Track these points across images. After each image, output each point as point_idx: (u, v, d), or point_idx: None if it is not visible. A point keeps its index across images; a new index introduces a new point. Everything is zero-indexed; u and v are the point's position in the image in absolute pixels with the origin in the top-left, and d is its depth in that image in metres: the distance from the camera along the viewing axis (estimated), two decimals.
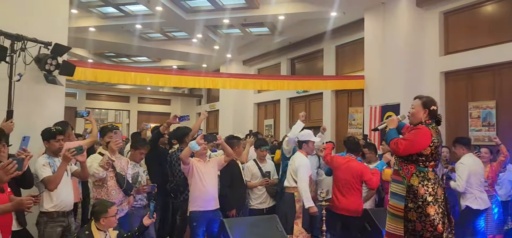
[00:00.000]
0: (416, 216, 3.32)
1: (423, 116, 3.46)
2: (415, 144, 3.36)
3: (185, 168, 4.45)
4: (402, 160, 3.46)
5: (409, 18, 8.43)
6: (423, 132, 3.37)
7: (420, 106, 3.50)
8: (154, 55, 15.50)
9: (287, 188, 4.97)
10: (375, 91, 8.85)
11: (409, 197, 3.37)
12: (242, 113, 14.92)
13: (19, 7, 4.31)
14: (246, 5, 10.13)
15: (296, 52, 12.75)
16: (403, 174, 3.44)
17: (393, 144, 3.41)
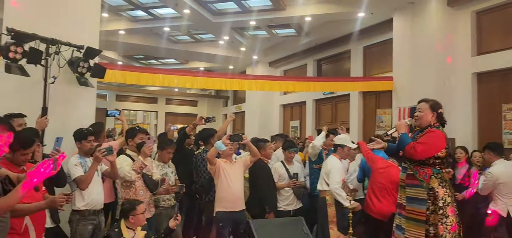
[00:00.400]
0: (438, 219, 3.32)
1: (431, 119, 3.48)
2: (432, 147, 3.36)
3: (211, 169, 4.50)
4: (418, 164, 3.44)
5: (439, 18, 8.24)
6: (438, 135, 3.41)
7: (428, 109, 3.52)
8: (181, 57, 15.73)
9: (320, 192, 4.97)
10: (404, 93, 8.68)
11: (430, 199, 3.36)
12: (268, 114, 14.94)
13: (54, 13, 4.47)
14: (273, 7, 10.15)
15: (323, 53, 12.66)
16: (421, 178, 3.42)
17: (410, 148, 3.38)
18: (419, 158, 3.40)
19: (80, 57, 4.29)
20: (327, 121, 12.40)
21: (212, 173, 4.56)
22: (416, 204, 3.44)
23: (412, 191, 3.49)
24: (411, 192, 3.49)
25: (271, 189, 5.05)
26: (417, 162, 3.44)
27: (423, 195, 3.40)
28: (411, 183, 3.50)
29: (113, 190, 4.36)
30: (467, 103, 8.06)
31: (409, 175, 3.51)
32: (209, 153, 4.48)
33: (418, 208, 3.41)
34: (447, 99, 8.09)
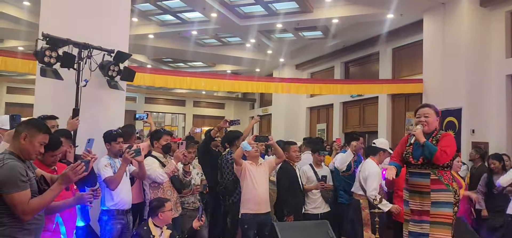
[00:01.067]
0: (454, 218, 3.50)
1: (436, 123, 3.64)
2: (454, 149, 3.54)
3: (237, 169, 4.53)
4: (442, 169, 3.52)
5: (472, 18, 8.01)
6: (453, 137, 3.61)
7: (434, 114, 3.64)
8: (208, 60, 15.91)
9: (354, 194, 4.98)
10: (435, 95, 8.47)
11: (455, 202, 3.51)
12: (294, 117, 14.89)
13: (86, 19, 4.62)
14: (300, 9, 10.13)
15: (350, 55, 12.53)
16: (446, 182, 3.50)
17: (442, 153, 3.42)
18: (447, 161, 3.50)
19: (110, 61, 4.40)
20: (355, 124, 12.25)
21: (238, 175, 4.59)
22: (442, 208, 3.47)
23: (437, 196, 3.50)
24: (437, 197, 3.50)
25: (293, 192, 5.01)
26: (441, 166, 3.50)
27: (450, 198, 3.48)
28: (437, 188, 3.50)
29: (141, 191, 4.45)
30: (501, 106, 7.80)
31: (434, 180, 3.51)
32: (235, 154, 4.52)
33: (445, 212, 3.46)
34: (479, 102, 7.90)
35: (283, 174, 4.99)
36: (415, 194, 3.60)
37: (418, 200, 3.57)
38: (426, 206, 3.52)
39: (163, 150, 4.34)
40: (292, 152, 5.16)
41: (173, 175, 4.23)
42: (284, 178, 5.01)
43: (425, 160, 3.51)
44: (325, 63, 13.61)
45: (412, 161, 3.60)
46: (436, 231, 3.47)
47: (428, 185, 3.52)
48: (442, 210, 3.46)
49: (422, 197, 3.55)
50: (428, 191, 3.52)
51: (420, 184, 3.57)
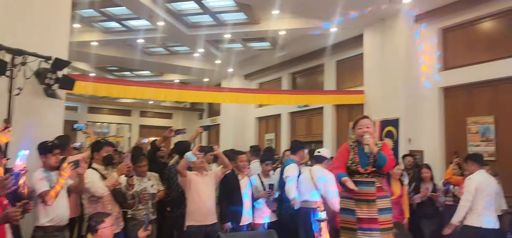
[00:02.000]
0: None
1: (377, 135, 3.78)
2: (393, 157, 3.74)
3: (182, 181, 4.46)
4: (383, 176, 3.75)
5: (408, 34, 8.50)
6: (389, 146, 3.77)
7: (372, 125, 3.84)
8: (156, 69, 15.62)
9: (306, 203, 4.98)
10: (375, 106, 8.87)
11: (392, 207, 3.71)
12: (243, 127, 14.96)
13: (21, 23, 4.39)
14: (247, 21, 10.24)
15: (297, 66, 12.82)
16: (386, 189, 3.71)
17: (391, 161, 3.64)
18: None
19: (47, 68, 4.21)
20: (302, 133, 12.52)
21: (183, 186, 4.52)
22: (387, 214, 3.65)
23: (382, 202, 3.64)
24: (382, 204, 3.64)
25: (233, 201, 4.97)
26: (383, 174, 3.71)
27: (390, 204, 3.70)
28: (381, 195, 3.66)
29: (78, 205, 4.26)
30: (435, 116, 8.31)
31: (379, 188, 3.66)
32: (179, 165, 4.45)
33: (388, 218, 3.66)
34: (415, 113, 8.37)
35: (224, 183, 4.97)
36: (362, 203, 3.65)
37: (365, 208, 3.63)
38: (373, 214, 3.61)
39: (104, 162, 4.19)
40: (239, 162, 5.17)
41: (115, 189, 4.09)
42: (225, 188, 5.00)
43: (373, 169, 3.62)
44: (273, 73, 13.83)
45: (361, 170, 3.68)
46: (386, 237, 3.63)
47: (374, 193, 3.63)
48: (387, 216, 3.64)
49: (369, 205, 3.62)
50: (374, 199, 3.62)
51: (367, 192, 3.64)
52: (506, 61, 7.24)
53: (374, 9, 8.31)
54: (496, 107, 7.45)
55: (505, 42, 7.37)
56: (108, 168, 4.22)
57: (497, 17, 7.57)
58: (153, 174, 4.86)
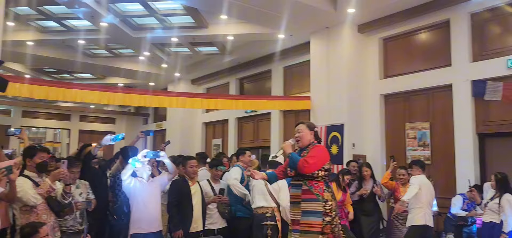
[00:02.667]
0: (330, 229, 3.61)
1: (311, 137, 3.83)
2: (321, 159, 3.69)
3: (126, 187, 4.30)
4: (312, 179, 3.70)
5: (352, 43, 8.81)
6: (323, 148, 3.83)
7: (307, 128, 3.88)
8: (98, 72, 15.01)
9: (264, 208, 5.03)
10: (321, 112, 9.10)
11: (326, 211, 3.63)
12: (189, 132, 14.74)
13: None
14: (195, 24, 10.13)
15: (245, 72, 12.87)
16: (316, 192, 3.67)
17: (303, 162, 3.62)
18: (312, 171, 3.66)
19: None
20: (249, 139, 12.57)
21: (127, 193, 4.36)
22: (312, 217, 3.65)
23: (307, 205, 3.69)
24: (307, 206, 3.69)
25: (182, 207, 4.90)
26: (311, 177, 3.69)
27: (320, 208, 3.64)
28: (307, 198, 3.70)
29: (8, 215, 3.94)
30: (376, 122, 8.68)
31: (305, 190, 3.71)
32: (123, 172, 4.29)
33: (314, 221, 3.63)
34: (359, 118, 8.69)
35: (173, 189, 4.86)
36: (293, 205, 3.81)
37: (294, 210, 3.78)
38: (298, 215, 3.72)
39: (38, 169, 3.92)
40: (189, 167, 5.08)
41: (50, 196, 3.84)
42: (173, 193, 4.88)
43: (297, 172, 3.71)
44: (221, 79, 13.77)
45: (289, 173, 3.83)
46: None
47: (299, 195, 3.73)
48: (311, 219, 3.64)
49: (296, 207, 3.75)
50: (299, 201, 3.73)
51: (295, 195, 3.79)
52: (440, 71, 7.73)
53: (319, 17, 8.54)
54: (432, 114, 7.93)
55: (439, 53, 7.87)
56: (42, 176, 3.95)
57: (432, 29, 8.07)
58: (82, 182, 4.61)
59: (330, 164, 3.86)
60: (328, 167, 3.78)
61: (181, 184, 4.87)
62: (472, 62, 7.29)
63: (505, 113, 6.88)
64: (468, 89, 7.20)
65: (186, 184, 4.96)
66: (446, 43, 7.68)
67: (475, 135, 7.20)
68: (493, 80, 6.82)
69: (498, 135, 7.08)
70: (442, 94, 7.75)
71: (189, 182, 5.01)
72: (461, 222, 6.22)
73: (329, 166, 3.84)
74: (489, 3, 7.08)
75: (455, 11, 7.46)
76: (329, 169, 3.82)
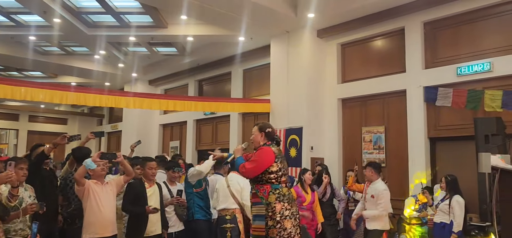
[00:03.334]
0: (276, 232, 3.56)
1: (261, 139, 3.82)
2: (260, 163, 3.65)
3: (79, 190, 4.10)
4: (258, 183, 3.69)
5: (311, 47, 8.95)
6: (266, 150, 3.72)
7: (257, 131, 3.88)
8: (50, 70, 14.35)
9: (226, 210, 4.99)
10: (280, 115, 9.16)
11: (268, 215, 3.59)
12: (146, 134, 14.35)
13: None
14: (154, 24, 9.92)
15: (204, 74, 12.76)
16: (261, 195, 3.66)
17: (241, 168, 3.65)
18: (252, 175, 3.67)
19: None
20: (208, 141, 12.45)
21: (80, 196, 4.16)
22: (258, 221, 3.66)
23: (255, 209, 3.71)
24: (255, 210, 3.71)
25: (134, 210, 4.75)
26: (257, 180, 3.68)
27: (263, 211, 3.62)
28: (255, 202, 3.72)
29: None
30: (334, 126, 8.86)
31: (253, 194, 3.74)
32: (77, 173, 4.10)
33: (260, 225, 3.63)
34: (317, 122, 8.83)
35: (128, 191, 4.70)
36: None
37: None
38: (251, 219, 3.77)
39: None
40: (148, 169, 4.93)
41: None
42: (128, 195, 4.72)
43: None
44: (179, 80, 13.56)
45: None
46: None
47: (251, 199, 3.78)
48: (258, 223, 3.65)
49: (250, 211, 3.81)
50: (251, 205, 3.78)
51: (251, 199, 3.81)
52: (394, 77, 8.02)
53: (280, 21, 8.61)
54: (386, 118, 8.20)
55: (394, 59, 8.15)
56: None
57: (388, 36, 8.36)
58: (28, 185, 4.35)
59: (279, 165, 3.72)
60: (275, 169, 3.68)
61: (137, 186, 4.72)
62: (425, 69, 7.61)
63: (455, 118, 7.23)
64: (421, 94, 7.51)
65: (143, 186, 4.82)
66: (401, 50, 7.98)
67: (427, 139, 7.52)
68: (444, 86, 7.15)
69: (448, 139, 7.42)
70: (396, 99, 8.03)
71: (146, 184, 4.87)
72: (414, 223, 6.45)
73: (278, 167, 3.70)
74: (440, 13, 7.42)
75: (409, 19, 7.77)
76: (278, 171, 3.70)
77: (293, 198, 3.81)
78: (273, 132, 3.91)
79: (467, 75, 6.99)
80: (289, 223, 3.60)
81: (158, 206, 4.83)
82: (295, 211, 3.73)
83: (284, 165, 3.78)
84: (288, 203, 3.66)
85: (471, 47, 7.13)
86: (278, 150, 3.83)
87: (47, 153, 4.73)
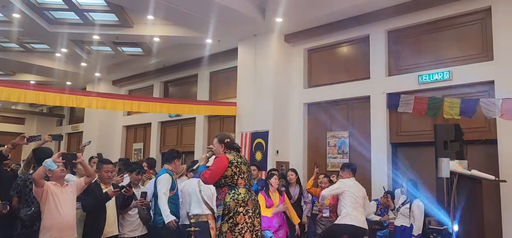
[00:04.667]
0: (227, 226, 3.86)
1: (221, 149, 4.16)
2: (216, 171, 3.96)
3: (37, 192, 3.92)
4: (218, 187, 4.04)
5: (278, 51, 9.02)
6: (220, 159, 4.04)
7: (217, 142, 4.21)
8: (7, 67, 13.75)
9: (198, 216, 5.03)
10: (246, 118, 9.17)
11: (224, 212, 3.91)
12: (109, 136, 14.00)
13: None
14: (119, 23, 9.69)
15: (170, 75, 12.59)
16: (220, 197, 4.00)
17: (202, 176, 3.98)
18: (210, 182, 3.99)
19: None
20: (173, 143, 12.27)
21: (38, 197, 3.97)
22: (219, 221, 4.00)
23: (218, 210, 4.08)
24: (218, 211, 4.07)
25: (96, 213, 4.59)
26: (217, 185, 4.02)
27: (220, 212, 3.99)
28: (218, 204, 4.11)
29: None
30: (299, 130, 8.95)
31: (216, 198, 4.12)
32: (36, 173, 3.92)
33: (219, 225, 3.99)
34: (283, 126, 8.89)
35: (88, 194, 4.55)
36: None
37: None
38: None
39: None
40: (104, 172, 4.79)
41: None
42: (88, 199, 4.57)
43: None
44: (144, 81, 13.32)
45: None
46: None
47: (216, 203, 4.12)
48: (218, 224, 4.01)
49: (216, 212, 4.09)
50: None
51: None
52: (357, 83, 8.20)
53: (247, 24, 8.62)
54: (350, 123, 8.36)
55: (359, 66, 8.34)
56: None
57: (353, 43, 8.54)
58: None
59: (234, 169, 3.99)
60: (230, 174, 3.97)
61: (94, 188, 4.58)
62: (388, 76, 7.83)
63: (415, 125, 7.47)
64: (384, 101, 7.72)
65: (99, 188, 4.68)
66: (366, 57, 8.17)
67: (389, 144, 7.72)
68: (406, 93, 7.38)
69: (409, 144, 7.66)
70: (360, 105, 8.21)
71: (102, 185, 4.74)
72: (376, 226, 6.60)
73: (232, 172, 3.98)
74: (404, 22, 7.67)
75: (374, 27, 7.98)
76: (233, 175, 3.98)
77: (251, 198, 4.01)
78: (231, 142, 4.22)
79: (428, 83, 7.25)
80: (242, 219, 3.87)
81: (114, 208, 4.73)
82: (251, 210, 3.96)
83: (240, 169, 4.04)
84: (242, 201, 3.92)
85: (432, 56, 7.40)
86: (236, 155, 4.11)
87: (6, 154, 4.55)
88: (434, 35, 7.47)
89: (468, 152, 6.03)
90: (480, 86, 6.82)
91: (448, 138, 5.95)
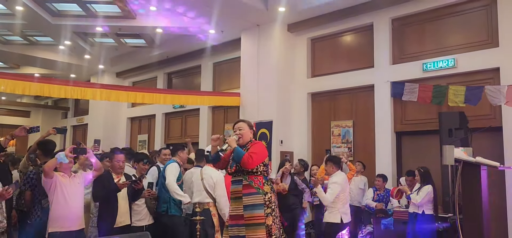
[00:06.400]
0: (272, 220, 3.78)
1: (250, 135, 4.05)
2: (261, 155, 3.86)
3: (46, 182, 3.99)
4: (252, 174, 3.85)
5: (281, 41, 9.00)
6: (262, 145, 4.01)
7: (247, 127, 4.07)
8: (11, 60, 13.78)
9: (200, 204, 5.06)
10: (250, 108, 9.17)
11: (265, 204, 3.80)
12: (113, 127, 14.07)
13: None
14: (122, 14, 9.67)
15: (174, 67, 12.59)
16: (256, 186, 3.84)
17: (248, 157, 3.75)
18: (254, 166, 3.80)
19: None
20: (177, 135, 12.32)
21: (46, 188, 4.03)
22: (256, 210, 3.78)
23: (249, 199, 3.82)
24: (249, 200, 3.81)
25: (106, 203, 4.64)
26: (251, 172, 3.83)
27: (261, 201, 3.79)
28: (248, 192, 3.82)
29: None
30: (303, 120, 8.96)
31: (245, 185, 3.84)
32: (47, 165, 3.99)
33: (257, 213, 3.77)
34: (287, 116, 8.90)
35: (97, 184, 4.60)
36: (233, 201, 3.91)
37: (234, 205, 3.86)
38: (240, 210, 3.81)
39: None
40: (115, 162, 4.84)
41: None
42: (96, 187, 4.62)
43: (238, 168, 3.83)
44: (148, 72, 13.33)
45: (229, 170, 3.95)
46: (251, 232, 3.76)
47: (241, 191, 3.83)
48: (254, 212, 3.76)
49: (237, 203, 3.83)
50: (240, 196, 3.83)
51: (235, 190, 3.88)
52: (362, 72, 8.18)
53: (250, 15, 8.59)
54: (354, 113, 8.36)
55: (363, 55, 8.31)
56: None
57: (357, 32, 8.50)
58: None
59: (268, 160, 4.00)
60: (266, 163, 3.94)
61: (105, 178, 4.62)
62: (392, 64, 7.81)
63: (420, 113, 7.46)
64: (388, 89, 7.70)
65: (111, 178, 4.72)
66: (370, 45, 8.14)
67: (393, 133, 7.72)
68: (410, 82, 7.36)
69: (413, 133, 7.65)
70: (364, 94, 8.20)
71: (114, 176, 4.78)
72: (380, 215, 6.62)
73: (268, 162, 3.98)
74: (408, 10, 7.62)
75: (378, 15, 7.94)
76: (267, 165, 3.96)
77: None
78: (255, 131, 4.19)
79: (432, 71, 7.23)
80: (278, 212, 3.93)
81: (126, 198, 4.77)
82: None
83: None
84: (274, 195, 3.92)
85: (437, 44, 7.37)
86: None
87: (4, 145, 4.59)
88: (438, 22, 7.42)
89: (473, 139, 6.02)
90: (485, 73, 6.79)
91: (453, 126, 5.96)
